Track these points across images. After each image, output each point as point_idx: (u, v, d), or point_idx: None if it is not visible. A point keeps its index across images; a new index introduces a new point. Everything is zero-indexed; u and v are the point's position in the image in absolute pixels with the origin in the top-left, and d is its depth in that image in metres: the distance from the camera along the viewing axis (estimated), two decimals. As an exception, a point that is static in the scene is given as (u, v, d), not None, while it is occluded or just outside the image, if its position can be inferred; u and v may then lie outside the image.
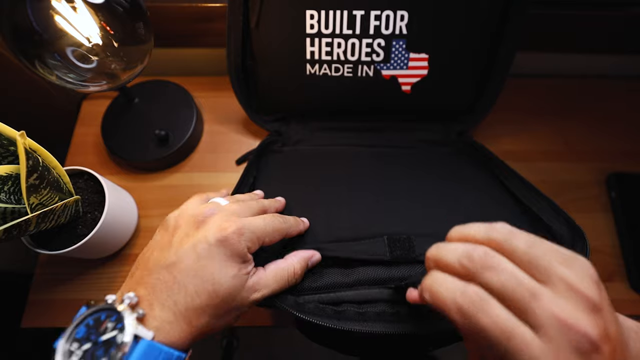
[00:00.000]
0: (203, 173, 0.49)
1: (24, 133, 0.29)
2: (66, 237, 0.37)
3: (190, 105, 0.50)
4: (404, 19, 0.39)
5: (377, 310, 0.28)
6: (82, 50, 0.36)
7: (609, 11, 0.47)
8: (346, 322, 0.27)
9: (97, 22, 0.35)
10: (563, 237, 0.31)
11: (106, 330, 0.23)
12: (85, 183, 0.40)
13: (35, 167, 0.30)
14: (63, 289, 0.42)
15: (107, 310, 0.23)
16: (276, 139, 0.48)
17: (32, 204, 0.31)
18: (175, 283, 0.25)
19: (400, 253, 0.30)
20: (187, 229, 0.27)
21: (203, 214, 0.27)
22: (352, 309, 0.28)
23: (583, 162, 0.50)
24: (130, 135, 0.48)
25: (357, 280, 0.30)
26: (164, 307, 0.24)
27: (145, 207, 0.46)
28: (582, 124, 0.52)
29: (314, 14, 0.39)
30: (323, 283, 0.30)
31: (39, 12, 0.33)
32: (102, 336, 0.22)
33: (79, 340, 0.23)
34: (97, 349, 0.22)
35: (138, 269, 0.27)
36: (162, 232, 0.29)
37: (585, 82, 0.55)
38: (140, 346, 0.22)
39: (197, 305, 0.24)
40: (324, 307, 0.28)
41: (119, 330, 0.22)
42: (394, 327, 0.26)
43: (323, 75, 0.43)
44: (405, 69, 0.42)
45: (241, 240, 0.26)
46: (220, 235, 0.26)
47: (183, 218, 0.28)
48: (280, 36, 0.41)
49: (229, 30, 0.42)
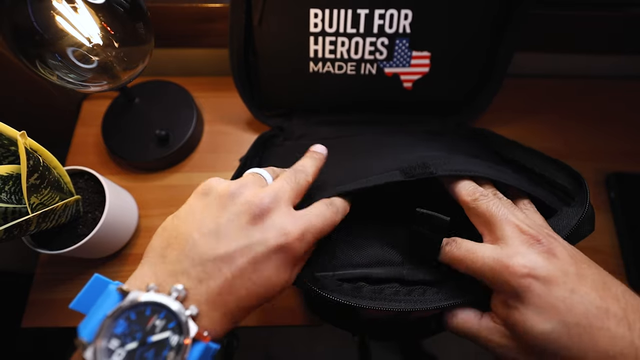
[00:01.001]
0: (203, 173, 0.49)
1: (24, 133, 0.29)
2: (67, 236, 0.37)
3: (190, 105, 0.50)
4: (408, 17, 0.39)
5: (393, 290, 0.28)
6: (82, 51, 0.36)
7: (609, 12, 0.47)
8: (363, 300, 0.27)
9: (98, 22, 0.35)
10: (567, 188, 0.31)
11: (154, 328, 0.20)
12: (86, 183, 0.40)
13: (35, 167, 0.30)
14: (64, 289, 0.42)
15: (154, 304, 0.20)
16: (277, 133, 0.48)
17: (33, 203, 0.31)
18: (225, 282, 0.22)
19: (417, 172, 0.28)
20: (240, 218, 0.23)
21: (260, 203, 0.24)
22: (368, 286, 0.28)
23: (582, 162, 0.50)
24: (130, 135, 0.48)
25: (373, 259, 0.30)
26: (214, 306, 0.22)
27: (145, 207, 0.46)
28: (581, 124, 0.52)
29: (318, 12, 0.39)
30: (339, 262, 0.30)
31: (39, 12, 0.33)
32: (152, 336, 0.20)
33: (120, 337, 0.20)
34: (146, 350, 0.19)
35: (171, 247, 0.23)
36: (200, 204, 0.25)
37: (585, 83, 0.55)
38: (197, 350, 0.20)
39: (245, 305, 0.23)
40: (341, 284, 0.28)
41: (172, 331, 0.20)
42: (408, 305, 0.27)
43: (326, 73, 0.43)
44: (408, 66, 0.43)
45: (302, 246, 0.24)
46: (282, 241, 0.23)
47: (231, 199, 0.24)
48: (284, 34, 0.41)
49: (231, 28, 0.42)
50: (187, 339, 0.19)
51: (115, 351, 0.19)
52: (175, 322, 0.20)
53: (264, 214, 0.24)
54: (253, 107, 0.48)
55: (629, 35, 0.49)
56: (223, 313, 0.22)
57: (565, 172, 0.32)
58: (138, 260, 0.45)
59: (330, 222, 0.26)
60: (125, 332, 0.20)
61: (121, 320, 0.20)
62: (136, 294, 0.20)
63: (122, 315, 0.20)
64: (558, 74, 0.56)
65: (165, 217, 0.26)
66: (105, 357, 0.19)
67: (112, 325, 0.20)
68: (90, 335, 0.19)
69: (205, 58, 0.55)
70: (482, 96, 0.47)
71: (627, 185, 0.48)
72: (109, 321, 0.20)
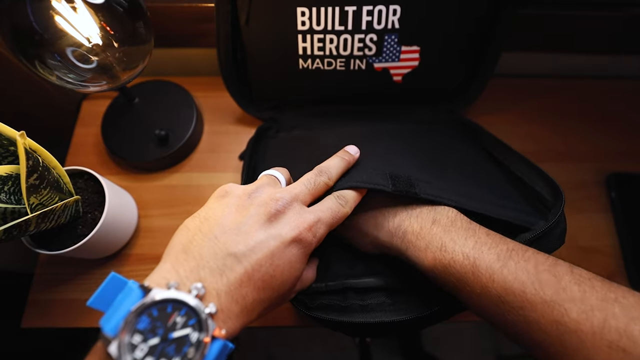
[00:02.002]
0: (203, 173, 0.49)
1: (24, 133, 0.29)
2: (66, 237, 0.37)
3: (190, 105, 0.50)
4: (396, 13, 0.39)
5: (378, 301, 0.30)
6: (82, 51, 0.36)
7: (609, 12, 0.47)
8: (351, 315, 0.29)
9: (97, 22, 0.35)
10: (542, 195, 0.33)
11: (175, 325, 0.21)
12: (85, 183, 0.40)
13: (35, 167, 0.30)
14: (63, 289, 0.42)
15: (175, 302, 0.21)
16: (271, 125, 0.48)
17: (32, 204, 0.31)
18: (245, 275, 0.23)
19: (403, 188, 0.29)
20: (259, 217, 0.25)
21: (276, 204, 0.26)
22: (356, 302, 0.30)
23: (583, 162, 0.50)
24: (130, 135, 0.48)
25: (361, 271, 0.32)
26: (233, 300, 0.23)
27: (145, 207, 0.46)
28: (581, 124, 0.52)
29: (305, 11, 0.39)
30: (329, 275, 0.32)
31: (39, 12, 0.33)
32: (173, 332, 0.20)
33: (143, 333, 0.20)
34: (167, 345, 0.20)
35: (193, 243, 0.24)
36: (221, 205, 0.26)
37: (585, 83, 0.55)
38: (216, 346, 0.21)
39: (262, 299, 0.24)
40: (331, 303, 0.30)
41: (192, 328, 0.21)
42: (393, 315, 0.29)
43: (316, 69, 0.44)
44: (397, 61, 0.43)
45: (314, 240, 0.26)
46: (297, 235, 0.25)
47: (251, 200, 0.26)
48: (272, 33, 0.42)
49: (217, 28, 0.42)
50: (207, 337, 0.20)
51: (138, 346, 0.20)
52: (195, 320, 0.21)
53: (280, 213, 0.26)
54: (243, 101, 0.49)
55: (629, 35, 0.49)
56: (242, 307, 0.23)
57: (547, 182, 0.33)
58: (138, 260, 0.45)
59: (339, 214, 0.28)
60: (148, 328, 0.20)
61: (144, 316, 0.20)
62: (158, 291, 0.21)
63: (145, 312, 0.21)
64: (558, 74, 0.56)
65: (165, 217, 0.27)
66: (128, 352, 0.19)
67: (135, 321, 0.20)
68: (114, 330, 0.20)
69: (205, 58, 0.55)
70: (473, 86, 0.47)
71: (628, 186, 0.48)
72: (132, 317, 0.20)
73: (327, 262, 0.32)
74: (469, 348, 0.94)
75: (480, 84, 0.47)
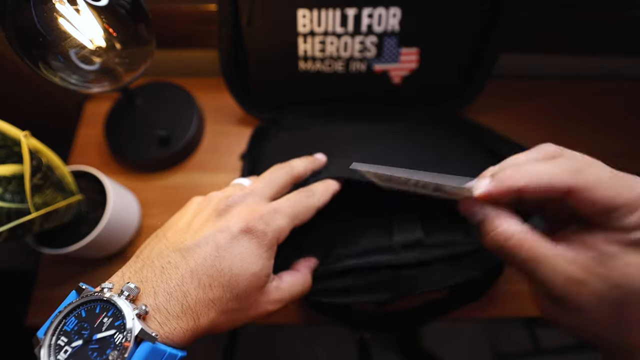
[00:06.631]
0: (204, 173, 0.49)
1: (28, 133, 0.30)
2: (69, 236, 0.37)
3: (191, 105, 0.50)
4: (396, 15, 0.40)
5: (381, 277, 0.31)
6: (85, 52, 0.36)
7: (609, 13, 0.47)
8: (354, 297, 0.31)
9: (100, 24, 0.36)
10: None
11: (102, 326, 0.20)
12: (88, 183, 0.40)
13: (38, 167, 0.30)
14: (66, 287, 0.43)
15: (103, 302, 0.20)
16: (270, 125, 0.49)
17: (36, 203, 0.31)
18: (187, 271, 0.22)
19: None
20: (209, 215, 0.25)
21: (227, 200, 0.25)
22: (358, 281, 0.31)
23: (581, 162, 0.50)
24: (132, 136, 0.48)
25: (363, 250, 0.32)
26: (172, 298, 0.21)
27: (147, 206, 0.47)
28: (580, 125, 0.52)
29: (306, 13, 0.40)
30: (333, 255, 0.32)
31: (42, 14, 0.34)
32: (98, 333, 0.20)
33: (69, 334, 0.20)
34: (90, 347, 0.19)
35: (147, 247, 0.24)
36: (181, 213, 0.26)
37: (584, 84, 0.55)
38: (142, 350, 0.19)
39: (209, 298, 0.22)
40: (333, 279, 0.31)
41: (117, 329, 0.19)
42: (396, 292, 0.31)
43: (316, 70, 0.44)
44: (397, 62, 0.43)
45: (268, 230, 0.24)
46: (245, 225, 0.24)
47: (207, 203, 0.26)
48: (273, 34, 0.42)
49: (219, 29, 0.43)
50: (128, 340, 0.19)
51: (64, 347, 0.20)
52: (121, 320, 0.20)
53: (229, 207, 0.25)
54: (244, 103, 0.49)
55: (629, 37, 0.50)
56: (184, 306, 0.21)
57: None
58: (140, 259, 0.45)
59: (300, 204, 0.27)
60: (75, 329, 0.20)
61: (71, 317, 0.20)
62: (88, 292, 0.21)
63: (72, 313, 0.20)
64: (557, 75, 0.56)
65: (166, 217, 0.28)
66: (53, 353, 0.19)
67: (62, 322, 0.20)
68: (42, 332, 0.20)
69: (207, 59, 0.56)
70: (471, 87, 0.47)
71: (626, 186, 0.48)
72: (59, 318, 0.20)
73: (326, 242, 0.32)
74: (467, 346, 0.94)
75: (479, 85, 0.47)
